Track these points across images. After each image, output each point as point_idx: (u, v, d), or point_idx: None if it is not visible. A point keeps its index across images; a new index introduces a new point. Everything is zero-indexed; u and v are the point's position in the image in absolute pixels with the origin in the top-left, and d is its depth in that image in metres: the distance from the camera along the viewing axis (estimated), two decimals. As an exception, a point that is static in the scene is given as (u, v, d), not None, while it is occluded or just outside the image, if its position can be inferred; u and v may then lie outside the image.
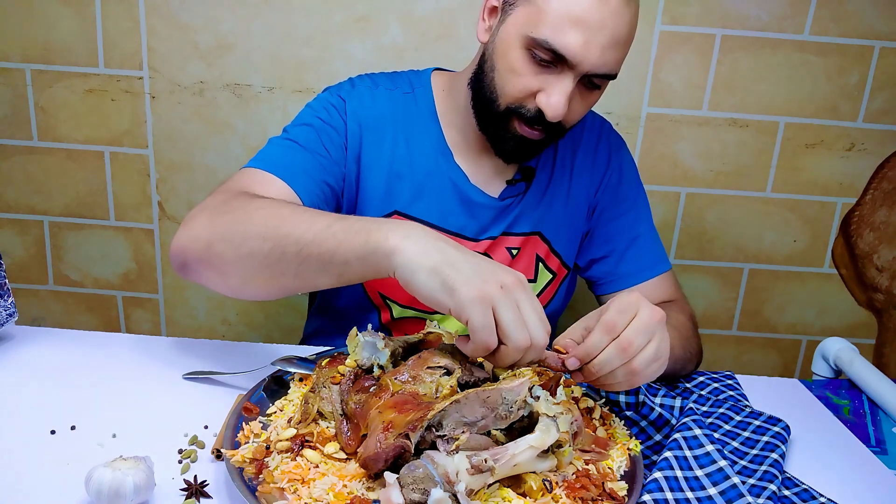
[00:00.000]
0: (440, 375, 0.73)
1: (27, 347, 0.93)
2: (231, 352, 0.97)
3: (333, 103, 1.02)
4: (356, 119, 1.02)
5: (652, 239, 1.12)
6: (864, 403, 0.99)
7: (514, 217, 1.07)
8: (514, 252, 1.09)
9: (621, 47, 0.88)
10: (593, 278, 1.14)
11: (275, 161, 0.94)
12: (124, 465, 0.62)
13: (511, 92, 0.91)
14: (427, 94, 1.07)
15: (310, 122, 1.00)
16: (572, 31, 0.84)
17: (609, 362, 0.72)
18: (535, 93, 0.90)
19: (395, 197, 1.04)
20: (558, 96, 0.88)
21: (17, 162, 1.60)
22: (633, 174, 1.14)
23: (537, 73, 0.89)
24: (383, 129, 1.04)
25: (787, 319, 1.73)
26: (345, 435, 0.70)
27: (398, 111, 1.05)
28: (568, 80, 0.88)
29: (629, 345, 0.71)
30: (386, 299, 1.07)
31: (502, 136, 0.96)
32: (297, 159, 0.95)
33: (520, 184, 1.06)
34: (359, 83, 1.06)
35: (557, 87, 0.88)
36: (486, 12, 0.96)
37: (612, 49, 0.87)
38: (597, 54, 0.86)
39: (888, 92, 1.55)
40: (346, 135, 1.01)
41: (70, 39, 1.51)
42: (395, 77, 1.09)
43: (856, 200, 1.64)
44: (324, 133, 0.99)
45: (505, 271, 0.69)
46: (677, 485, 0.69)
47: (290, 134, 0.99)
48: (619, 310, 0.72)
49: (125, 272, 1.69)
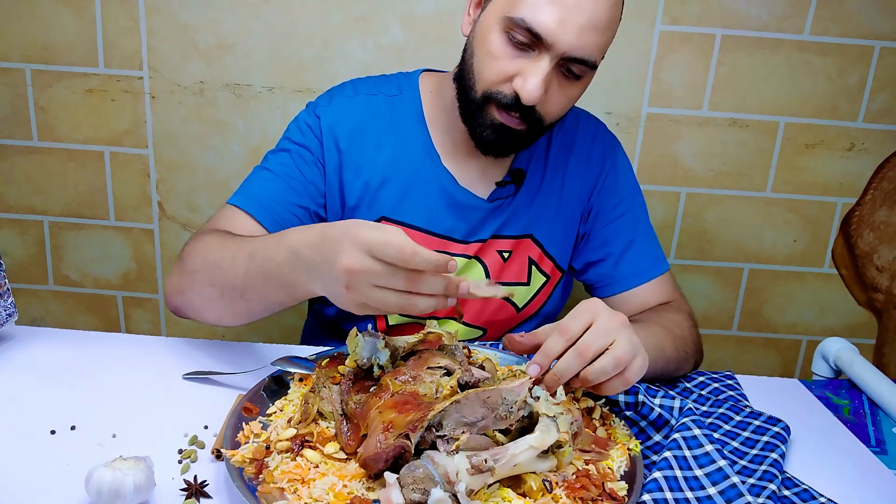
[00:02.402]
0: (440, 376, 0.73)
1: (27, 347, 0.93)
2: (231, 352, 0.97)
3: (309, 122, 1.05)
4: (331, 134, 1.03)
5: (649, 240, 1.11)
6: (864, 403, 0.99)
7: (504, 219, 1.07)
8: (506, 255, 1.08)
9: (601, 32, 0.88)
10: (590, 282, 1.13)
11: (247, 195, 1.00)
12: (124, 465, 0.62)
13: (488, 76, 0.91)
14: (415, 96, 1.06)
15: (286, 147, 1.05)
16: (548, 9, 0.85)
17: (569, 367, 0.73)
18: (513, 76, 0.89)
19: (381, 203, 1.04)
20: (534, 78, 0.87)
21: (17, 162, 1.60)
22: (628, 175, 1.13)
23: (514, 56, 0.89)
24: (365, 136, 1.04)
25: (787, 319, 1.73)
26: (345, 435, 0.70)
27: (382, 116, 1.05)
28: (544, 62, 0.87)
29: (586, 348, 0.72)
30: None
31: (480, 123, 0.95)
32: (268, 189, 1.01)
33: (510, 186, 1.06)
34: (338, 94, 1.07)
35: (534, 69, 0.88)
36: (472, 6, 0.97)
37: (590, 31, 0.86)
38: (573, 33, 0.85)
39: (888, 92, 1.55)
40: (321, 152, 1.03)
41: (70, 39, 1.51)
42: (381, 81, 1.09)
43: (856, 200, 1.64)
44: (297, 156, 1.03)
45: (335, 267, 0.69)
46: (677, 485, 0.69)
47: (268, 162, 1.04)
48: (575, 314, 0.74)
49: (125, 272, 1.69)
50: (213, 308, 0.90)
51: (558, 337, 0.74)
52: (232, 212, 0.99)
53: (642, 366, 0.75)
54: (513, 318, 1.12)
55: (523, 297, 1.11)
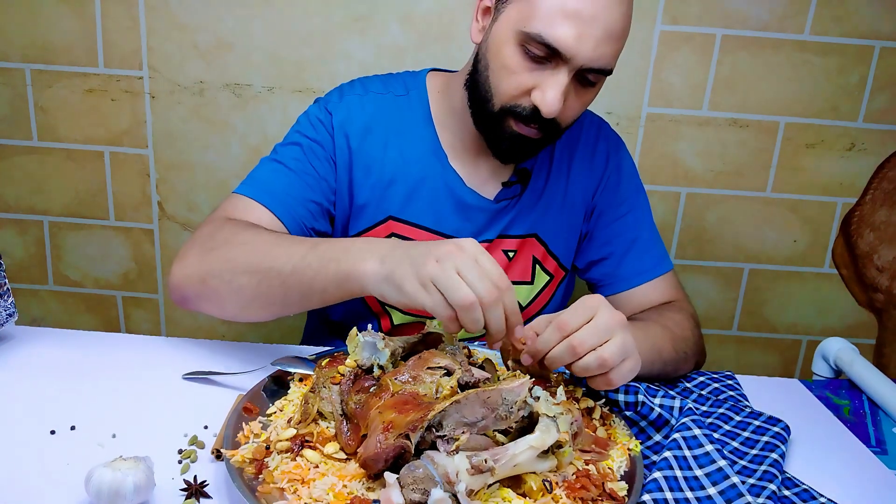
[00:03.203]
0: (440, 376, 0.73)
1: (27, 347, 0.93)
2: (231, 352, 0.97)
3: (321, 118, 1.03)
4: (343, 131, 1.02)
5: (652, 240, 1.11)
6: (864, 403, 0.99)
7: (509, 219, 1.07)
8: (511, 255, 1.08)
9: (616, 41, 0.88)
10: (593, 280, 1.13)
11: (260, 187, 0.98)
12: (124, 465, 0.62)
13: (506, 90, 0.91)
14: (422, 95, 1.06)
15: (297, 140, 1.03)
16: (565, 24, 0.84)
17: (560, 358, 0.74)
18: (530, 90, 0.89)
19: (388, 202, 1.04)
20: (553, 92, 0.87)
21: (17, 162, 1.60)
22: (632, 174, 1.13)
23: (531, 69, 0.88)
24: (374, 135, 1.04)
25: (787, 319, 1.73)
26: (345, 435, 0.70)
27: (390, 115, 1.05)
28: (562, 75, 0.87)
29: (580, 343, 0.73)
30: (385, 306, 1.07)
31: (499, 135, 0.95)
32: (282, 182, 0.99)
33: (515, 186, 1.06)
34: (348, 91, 1.06)
35: (552, 82, 0.87)
36: (480, 13, 0.96)
37: (606, 42, 0.86)
38: (590, 47, 0.85)
39: (888, 92, 1.55)
40: (333, 149, 1.02)
41: (70, 39, 1.51)
42: (389, 79, 1.09)
43: (856, 200, 1.64)
44: (310, 151, 1.02)
45: (442, 245, 0.73)
46: (677, 484, 0.69)
47: (279, 154, 1.02)
48: (575, 310, 0.75)
49: (125, 272, 1.69)
50: (238, 298, 0.87)
51: (555, 331, 0.75)
52: (245, 202, 0.97)
53: (631, 369, 0.76)
54: None
55: (526, 297, 1.11)
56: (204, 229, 0.93)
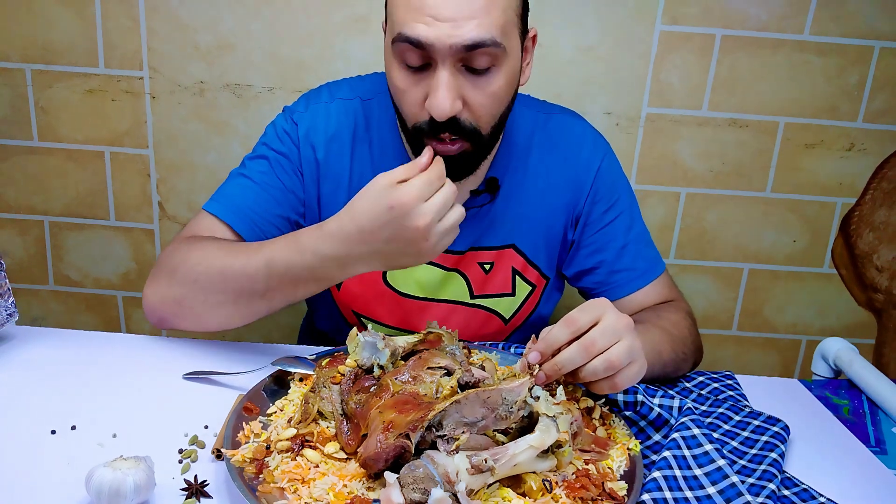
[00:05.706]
0: (440, 376, 0.73)
1: (27, 347, 0.93)
2: (231, 352, 0.97)
3: (286, 129, 1.02)
4: (309, 142, 1.01)
5: (643, 244, 1.08)
6: (863, 403, 1.00)
7: (482, 230, 1.03)
8: (488, 267, 1.05)
9: (482, 12, 0.81)
10: (585, 289, 1.10)
11: (225, 203, 0.99)
12: (124, 465, 0.62)
13: (407, 109, 0.88)
14: (388, 99, 1.00)
15: (264, 153, 1.02)
16: (418, 14, 0.81)
17: (572, 359, 0.74)
18: (424, 101, 0.86)
19: None
20: (438, 91, 0.83)
21: (17, 162, 1.60)
22: (618, 180, 1.08)
23: (417, 81, 0.86)
24: (341, 144, 1.02)
25: (786, 319, 1.73)
26: (345, 435, 0.70)
27: (357, 122, 1.02)
28: (443, 72, 0.83)
29: (591, 344, 0.73)
30: (360, 317, 1.07)
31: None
32: (249, 198, 0.99)
33: (484, 195, 1.02)
34: (314, 99, 1.04)
35: (435, 84, 0.83)
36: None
37: (468, 19, 0.81)
38: (447, 29, 0.80)
39: (888, 92, 1.55)
40: (299, 161, 1.01)
41: (70, 39, 1.51)
42: (357, 83, 1.06)
43: (856, 200, 1.64)
44: (276, 164, 1.01)
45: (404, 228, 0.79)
46: (676, 484, 0.70)
47: (246, 168, 1.01)
48: (583, 309, 0.75)
49: (125, 272, 1.69)
50: (218, 313, 0.90)
51: (564, 328, 0.74)
52: (209, 221, 0.97)
53: (637, 372, 0.75)
54: (501, 331, 1.11)
55: (508, 308, 1.09)
56: (176, 250, 0.94)
